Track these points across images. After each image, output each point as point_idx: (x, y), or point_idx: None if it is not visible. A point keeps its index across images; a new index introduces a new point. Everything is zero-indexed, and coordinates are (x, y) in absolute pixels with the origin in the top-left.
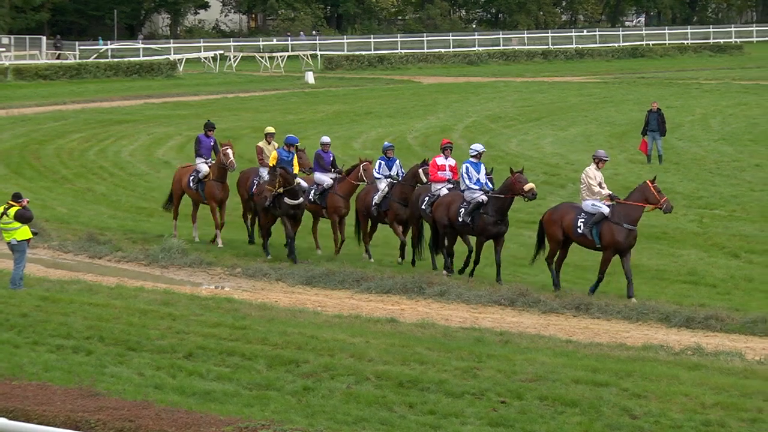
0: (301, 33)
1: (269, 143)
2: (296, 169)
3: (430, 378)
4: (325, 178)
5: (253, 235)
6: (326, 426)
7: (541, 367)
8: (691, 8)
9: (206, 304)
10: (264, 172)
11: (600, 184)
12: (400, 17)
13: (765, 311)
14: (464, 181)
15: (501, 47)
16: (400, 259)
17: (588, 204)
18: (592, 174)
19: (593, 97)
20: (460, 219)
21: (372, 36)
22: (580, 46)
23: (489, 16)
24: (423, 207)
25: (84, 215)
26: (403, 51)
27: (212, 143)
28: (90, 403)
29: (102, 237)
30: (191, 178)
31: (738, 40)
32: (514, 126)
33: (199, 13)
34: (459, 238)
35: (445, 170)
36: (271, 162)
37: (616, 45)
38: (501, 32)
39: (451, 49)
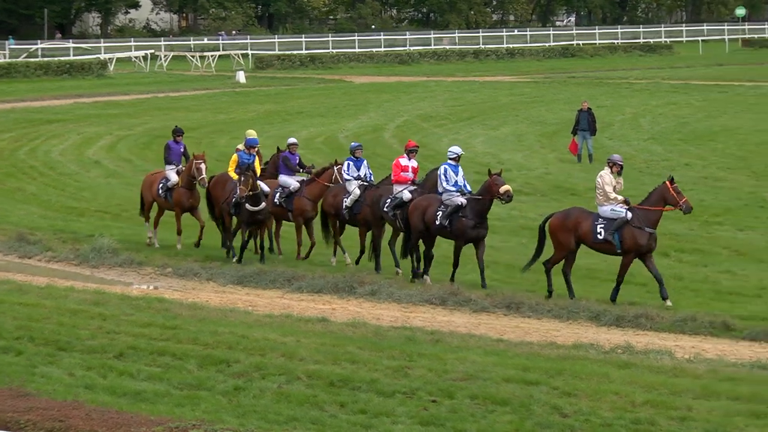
0: (222, 33)
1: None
2: (258, 171)
3: (361, 377)
4: (292, 181)
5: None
6: (257, 426)
7: (472, 366)
8: (621, 8)
9: (137, 304)
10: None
11: (614, 189)
12: (331, 17)
13: (694, 310)
14: (442, 183)
15: (432, 47)
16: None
17: (606, 209)
18: (608, 179)
19: (524, 97)
20: (438, 222)
21: (303, 35)
22: (511, 45)
23: (420, 15)
24: (385, 209)
25: (14, 215)
26: (334, 50)
27: (182, 149)
28: (20, 404)
29: (32, 237)
30: (160, 186)
31: (668, 39)
32: (446, 125)
33: (129, 13)
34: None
35: (407, 171)
36: (231, 166)
37: (546, 45)
38: (432, 32)
39: (383, 49)
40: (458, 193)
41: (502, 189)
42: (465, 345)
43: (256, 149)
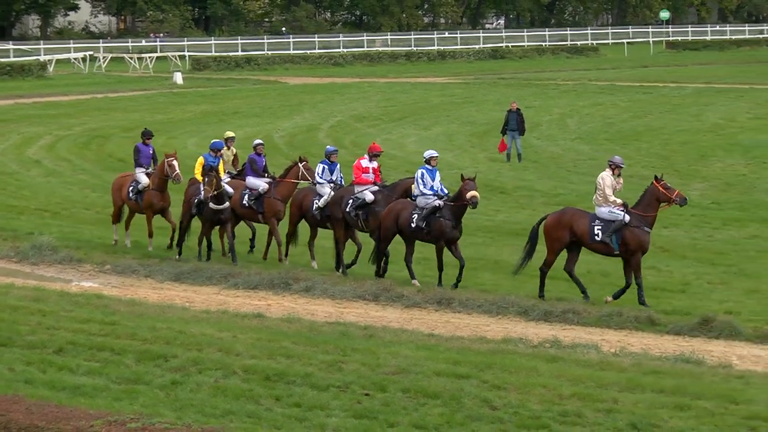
0: (160, 35)
1: (228, 148)
2: (222, 174)
3: (296, 371)
4: (260, 183)
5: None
6: (194, 419)
7: (404, 360)
8: (548, 11)
9: (76, 300)
10: (224, 177)
11: (614, 191)
12: (266, 19)
13: (620, 305)
14: (419, 187)
15: (365, 49)
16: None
17: (604, 211)
18: (609, 182)
19: (455, 98)
20: (413, 225)
21: (239, 37)
22: (442, 47)
23: (353, 18)
24: (347, 210)
25: None
26: (269, 52)
27: (151, 152)
28: None
29: None
30: (130, 188)
31: (594, 42)
32: (379, 125)
33: (69, 15)
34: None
35: (368, 173)
36: (197, 168)
37: (476, 47)
38: (365, 34)
39: (317, 51)
40: (435, 197)
41: (468, 195)
42: (397, 340)
43: (234, 151)
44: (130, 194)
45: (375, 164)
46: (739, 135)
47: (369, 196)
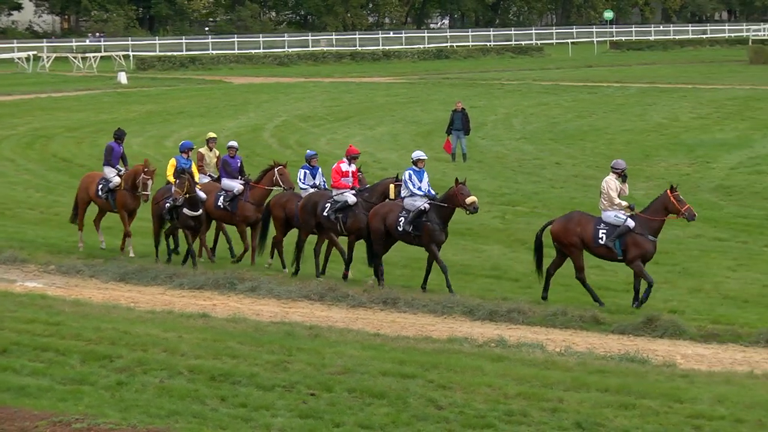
0: (91, 34)
1: (211, 149)
2: (196, 175)
3: (241, 371)
4: (234, 184)
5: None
6: (139, 420)
7: (350, 360)
8: (493, 11)
9: (20, 300)
10: (204, 179)
11: (619, 195)
12: (211, 19)
13: (565, 304)
14: (407, 187)
15: (310, 48)
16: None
17: (610, 215)
18: (614, 185)
19: (400, 97)
20: (401, 228)
21: (184, 37)
22: (387, 47)
23: (298, 18)
24: (325, 214)
25: None
26: (214, 52)
27: (122, 152)
28: None
29: None
30: (100, 187)
31: (538, 42)
32: (324, 125)
33: (12, 15)
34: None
35: (348, 177)
36: (169, 170)
37: (421, 47)
38: (310, 34)
39: (262, 50)
40: (422, 198)
41: (468, 200)
42: (343, 339)
43: (216, 153)
44: (100, 192)
45: (354, 167)
46: (682, 134)
47: (351, 198)
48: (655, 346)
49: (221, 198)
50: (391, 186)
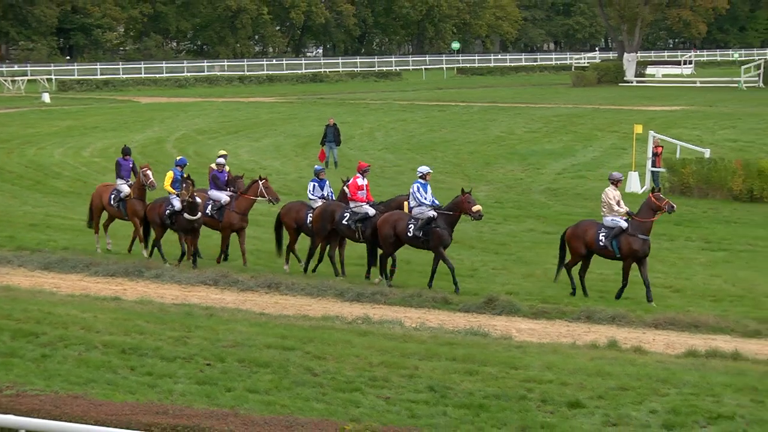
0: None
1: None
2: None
3: (147, 345)
4: (222, 195)
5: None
6: (61, 387)
7: (240, 335)
8: (359, 42)
9: None
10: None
11: (618, 203)
12: (121, 48)
13: (420, 287)
14: (416, 198)
15: (205, 73)
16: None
17: (608, 219)
18: (612, 195)
19: (281, 114)
20: (410, 234)
21: (98, 63)
22: (271, 72)
23: (195, 47)
24: (345, 222)
25: None
26: (124, 76)
27: (131, 165)
28: None
29: None
30: (112, 196)
31: (397, 68)
32: (217, 138)
33: None
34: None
35: (363, 190)
36: (167, 181)
37: (299, 72)
38: (205, 61)
39: (164, 75)
40: (429, 208)
41: (474, 208)
42: (234, 318)
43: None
44: (112, 201)
45: (366, 181)
46: (517, 146)
47: (371, 211)
48: (494, 322)
49: (209, 207)
50: (405, 202)
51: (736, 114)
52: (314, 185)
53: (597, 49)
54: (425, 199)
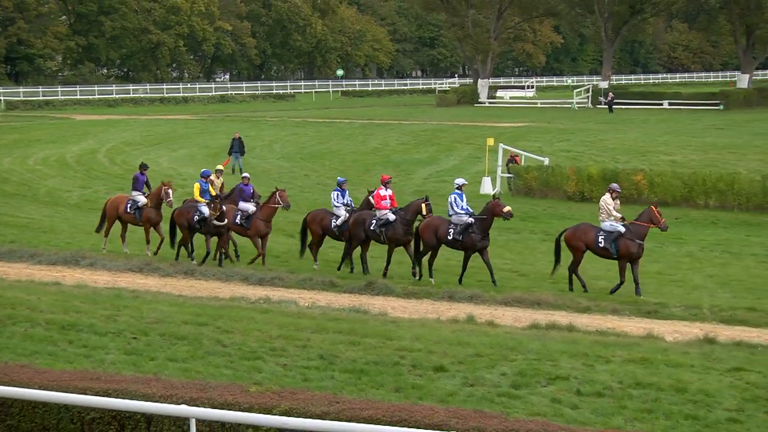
0: None
1: (218, 177)
2: (213, 193)
3: (83, 323)
4: (249, 206)
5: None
6: (10, 358)
7: (161, 314)
8: (260, 69)
9: None
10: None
11: (614, 209)
12: (60, 73)
13: (312, 273)
14: (453, 207)
15: (131, 95)
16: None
17: (607, 224)
18: (610, 202)
19: (195, 129)
20: (450, 237)
21: (40, 86)
22: (186, 94)
23: (122, 73)
24: (372, 228)
25: None
26: (62, 97)
27: (146, 179)
28: None
29: None
30: (129, 205)
31: (292, 91)
32: (141, 149)
33: None
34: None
35: (386, 200)
36: (196, 192)
37: (210, 94)
38: (131, 84)
39: (97, 96)
40: (467, 215)
41: (505, 209)
42: (156, 299)
43: (222, 180)
44: (129, 209)
45: (390, 191)
46: (391, 155)
47: (392, 216)
48: (373, 301)
49: (238, 216)
50: (423, 205)
51: (570, 129)
52: (337, 194)
53: (456, 75)
54: (461, 208)
